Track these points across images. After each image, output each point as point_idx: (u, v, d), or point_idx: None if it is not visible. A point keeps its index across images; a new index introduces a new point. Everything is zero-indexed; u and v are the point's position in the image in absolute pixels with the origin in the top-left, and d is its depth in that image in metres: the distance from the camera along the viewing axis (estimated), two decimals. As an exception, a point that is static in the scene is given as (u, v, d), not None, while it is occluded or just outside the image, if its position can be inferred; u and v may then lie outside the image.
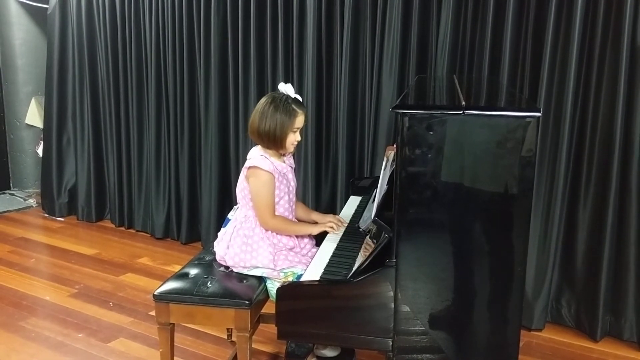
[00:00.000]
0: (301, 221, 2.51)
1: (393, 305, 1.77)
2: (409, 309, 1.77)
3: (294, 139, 2.30)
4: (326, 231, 2.40)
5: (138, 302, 3.31)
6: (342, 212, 2.69)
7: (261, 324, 2.61)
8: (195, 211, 4.17)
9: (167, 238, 4.29)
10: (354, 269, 1.97)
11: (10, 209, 4.99)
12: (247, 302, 2.15)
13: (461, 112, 1.64)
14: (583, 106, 2.85)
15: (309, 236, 2.43)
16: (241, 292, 2.20)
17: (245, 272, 2.32)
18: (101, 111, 4.49)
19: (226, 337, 2.82)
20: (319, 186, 3.61)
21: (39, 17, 4.94)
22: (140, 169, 4.37)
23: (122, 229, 4.52)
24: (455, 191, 1.69)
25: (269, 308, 2.23)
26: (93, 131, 4.53)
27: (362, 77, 3.39)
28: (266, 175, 2.28)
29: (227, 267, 2.37)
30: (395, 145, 1.90)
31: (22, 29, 4.98)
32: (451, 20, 3.04)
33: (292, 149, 2.34)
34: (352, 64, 3.37)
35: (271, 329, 2.44)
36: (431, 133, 1.64)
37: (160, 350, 2.27)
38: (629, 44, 2.65)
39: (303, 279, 2.04)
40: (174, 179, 4.18)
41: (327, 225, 2.40)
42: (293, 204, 2.45)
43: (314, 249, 2.40)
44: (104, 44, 4.30)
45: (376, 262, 1.79)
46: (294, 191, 2.45)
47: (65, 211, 4.79)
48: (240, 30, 3.68)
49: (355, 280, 1.80)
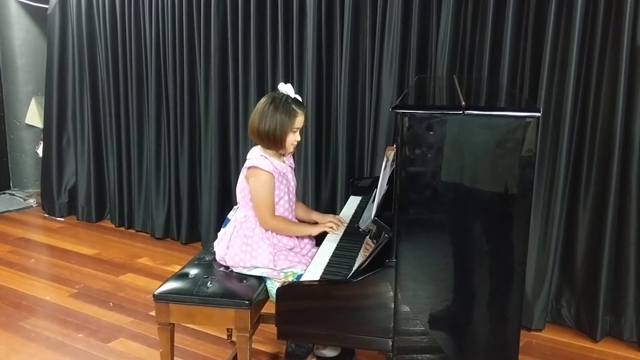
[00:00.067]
0: (301, 221, 2.52)
1: (393, 305, 1.77)
2: (409, 309, 1.77)
3: (293, 139, 2.30)
4: (326, 231, 2.40)
5: (138, 302, 3.31)
6: (342, 212, 2.69)
7: (261, 324, 2.61)
8: (195, 211, 4.17)
9: (167, 238, 4.29)
10: (354, 269, 1.97)
11: (10, 209, 4.99)
12: (247, 302, 2.15)
13: (461, 112, 1.64)
14: (583, 106, 2.85)
15: (309, 236, 2.43)
16: (241, 292, 2.20)
17: (245, 272, 2.32)
18: (101, 111, 4.49)
19: (226, 337, 2.82)
20: (319, 186, 3.61)
21: (39, 17, 4.94)
22: (140, 169, 4.37)
23: (122, 229, 4.52)
24: (455, 191, 1.69)
25: (269, 308, 2.23)
26: (93, 131, 4.53)
27: (362, 77, 3.39)
28: (266, 176, 2.28)
29: (227, 267, 2.37)
30: (395, 145, 1.90)
31: (22, 29, 4.98)
32: (451, 20, 3.05)
33: (292, 149, 2.34)
34: (352, 64, 3.37)
35: (271, 329, 2.44)
36: (431, 133, 1.64)
37: (160, 350, 2.27)
38: (629, 44, 2.65)
39: (303, 279, 2.04)
40: (174, 179, 4.18)
41: (326, 226, 2.40)
42: (293, 204, 2.45)
43: (314, 249, 2.40)
44: (104, 44, 4.30)
45: (376, 262, 1.79)
46: (294, 191, 2.45)
47: (65, 211, 4.79)
48: (240, 30, 3.68)
49: (355, 280, 1.80)
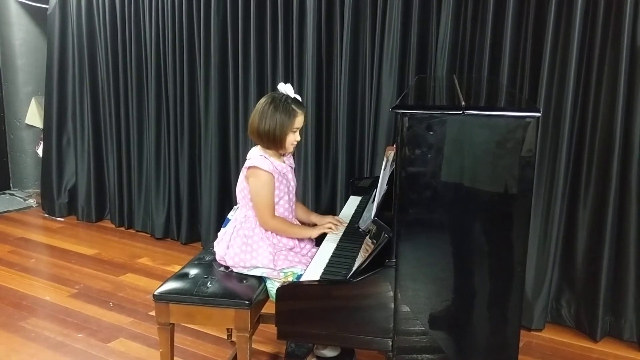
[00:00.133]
0: (300, 222, 2.52)
1: (393, 306, 1.77)
2: (408, 309, 1.77)
3: (293, 139, 2.30)
4: (326, 232, 2.40)
5: (138, 302, 3.31)
6: (342, 212, 2.69)
7: (261, 324, 2.61)
8: (195, 211, 4.17)
9: (167, 238, 4.29)
10: (354, 269, 1.96)
11: (10, 209, 4.99)
12: (247, 302, 2.15)
13: (461, 112, 1.64)
14: (583, 106, 2.85)
15: (308, 238, 2.43)
16: (241, 292, 2.20)
17: (245, 272, 2.32)
18: (101, 111, 4.49)
19: (226, 337, 2.82)
20: (319, 186, 3.61)
21: (39, 17, 4.94)
22: (140, 169, 4.37)
23: (122, 229, 4.52)
24: (455, 191, 1.69)
25: (269, 308, 2.23)
26: (93, 131, 4.53)
27: (362, 77, 3.39)
28: (266, 176, 2.28)
29: (227, 267, 2.37)
30: (395, 145, 1.90)
31: (22, 29, 4.98)
32: (451, 20, 3.04)
33: (291, 149, 2.34)
34: (352, 64, 3.37)
35: (271, 329, 2.44)
36: (431, 133, 1.64)
37: (160, 350, 2.27)
38: (629, 44, 2.65)
39: (303, 279, 2.04)
40: (174, 179, 4.18)
41: (325, 227, 2.40)
42: (293, 203, 2.45)
43: (313, 249, 2.40)
44: (104, 44, 4.30)
45: (376, 262, 1.79)
46: (294, 191, 2.45)
47: (65, 211, 4.79)
48: (240, 30, 3.68)
49: (355, 280, 1.80)
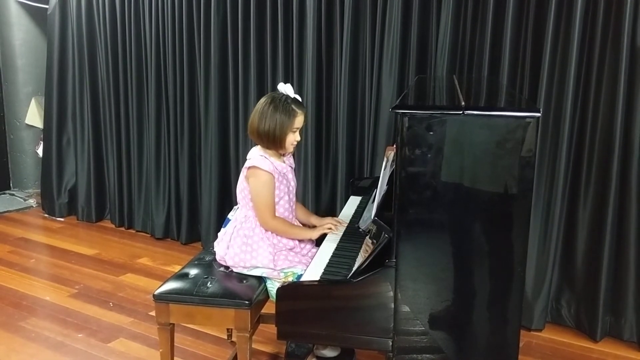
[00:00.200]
0: (300, 223, 2.51)
1: (393, 306, 1.77)
2: (408, 309, 1.77)
3: (293, 139, 2.30)
4: (326, 233, 2.40)
5: (138, 302, 3.31)
6: (342, 212, 2.69)
7: (261, 324, 2.61)
8: (195, 211, 4.17)
9: (167, 238, 4.29)
10: (354, 269, 1.96)
11: (10, 209, 4.99)
12: (247, 302, 2.15)
13: (461, 112, 1.64)
14: (583, 106, 2.85)
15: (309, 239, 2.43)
16: (241, 292, 2.20)
17: (245, 272, 2.32)
18: (101, 111, 4.49)
19: (226, 337, 2.82)
20: (319, 186, 3.61)
21: (39, 17, 4.94)
22: (140, 169, 4.37)
23: (122, 229, 4.52)
24: (455, 191, 1.69)
25: (269, 308, 2.23)
26: (93, 131, 4.53)
27: (362, 77, 3.39)
28: (266, 176, 2.28)
29: (227, 267, 2.37)
30: (395, 145, 1.90)
31: (22, 29, 4.98)
32: (451, 20, 3.04)
33: (291, 149, 2.34)
34: (352, 64, 3.37)
35: (271, 329, 2.44)
36: (431, 133, 1.64)
37: (160, 350, 2.27)
38: (629, 44, 2.65)
39: (303, 279, 2.04)
40: (174, 179, 4.18)
41: (325, 227, 2.40)
42: (293, 204, 2.45)
43: (314, 249, 2.40)
44: (104, 44, 4.30)
45: (376, 262, 1.79)
46: (294, 191, 2.45)
47: (65, 211, 4.79)
48: (240, 30, 3.68)
49: (355, 280, 1.80)
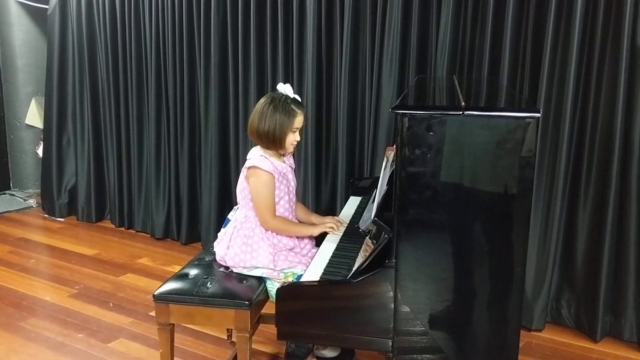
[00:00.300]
0: (301, 222, 2.51)
1: (393, 306, 1.77)
2: (408, 310, 1.77)
3: (293, 139, 2.30)
4: (326, 232, 2.40)
5: (138, 302, 3.31)
6: (342, 212, 2.69)
7: (261, 324, 2.61)
8: (195, 211, 4.17)
9: (167, 238, 4.29)
10: (354, 269, 1.96)
11: (11, 209, 4.99)
12: (247, 302, 2.15)
13: (461, 112, 1.63)
14: (583, 106, 2.85)
15: (309, 236, 2.43)
16: (241, 292, 2.20)
17: (245, 272, 2.32)
18: (101, 111, 4.49)
19: (226, 338, 2.82)
20: (319, 186, 3.61)
21: (39, 18, 4.94)
22: (140, 169, 4.37)
23: (122, 229, 4.52)
24: (455, 191, 1.69)
25: (269, 308, 2.23)
26: (93, 131, 4.53)
27: (362, 77, 3.39)
28: (266, 176, 2.28)
29: (227, 267, 2.37)
30: (395, 146, 1.90)
31: (22, 29, 4.98)
32: (451, 20, 3.04)
33: (291, 149, 2.34)
34: (352, 64, 3.36)
35: (271, 329, 2.44)
36: (431, 133, 1.64)
37: (160, 350, 2.27)
38: (629, 44, 2.65)
39: (303, 279, 2.04)
40: (174, 179, 4.18)
41: (327, 226, 2.40)
42: (293, 204, 2.45)
43: (314, 249, 2.40)
44: (104, 44, 4.30)
45: (376, 262, 1.79)
46: (294, 191, 2.45)
47: (65, 211, 4.79)
48: (240, 30, 3.68)
49: (355, 280, 1.80)
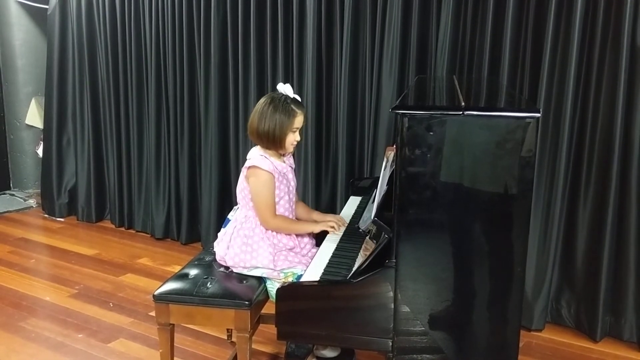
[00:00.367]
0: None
1: (393, 306, 1.77)
2: (408, 310, 1.77)
3: (293, 139, 2.30)
4: (326, 231, 2.40)
5: (138, 302, 3.31)
6: (342, 212, 2.69)
7: (261, 324, 2.61)
8: (195, 211, 4.17)
9: (167, 238, 4.29)
10: (354, 269, 1.96)
11: (11, 209, 4.99)
12: (247, 302, 2.15)
13: (461, 112, 1.64)
14: (583, 106, 2.85)
15: (309, 236, 2.44)
16: (241, 292, 2.20)
17: (245, 272, 2.32)
18: (101, 111, 4.49)
19: (226, 338, 2.82)
20: (319, 186, 3.61)
21: (39, 18, 4.93)
22: (140, 169, 4.37)
23: (122, 229, 4.52)
24: (454, 192, 1.69)
25: (269, 308, 2.23)
26: (93, 131, 4.53)
27: (362, 77, 3.39)
28: (266, 175, 2.28)
29: (227, 267, 2.37)
30: (395, 146, 1.90)
31: (22, 29, 4.97)
32: (451, 20, 3.04)
33: (291, 149, 2.34)
34: (352, 64, 3.36)
35: (271, 329, 2.44)
36: (431, 133, 1.64)
37: (160, 350, 2.27)
38: (629, 44, 2.65)
39: (303, 279, 2.04)
40: (174, 179, 4.18)
41: (328, 225, 2.40)
42: (293, 204, 2.45)
43: (314, 249, 2.40)
44: (104, 44, 4.30)
45: (376, 262, 1.79)
46: (294, 191, 2.45)
47: (65, 211, 4.79)
48: (240, 30, 3.68)
49: (355, 280, 1.80)
